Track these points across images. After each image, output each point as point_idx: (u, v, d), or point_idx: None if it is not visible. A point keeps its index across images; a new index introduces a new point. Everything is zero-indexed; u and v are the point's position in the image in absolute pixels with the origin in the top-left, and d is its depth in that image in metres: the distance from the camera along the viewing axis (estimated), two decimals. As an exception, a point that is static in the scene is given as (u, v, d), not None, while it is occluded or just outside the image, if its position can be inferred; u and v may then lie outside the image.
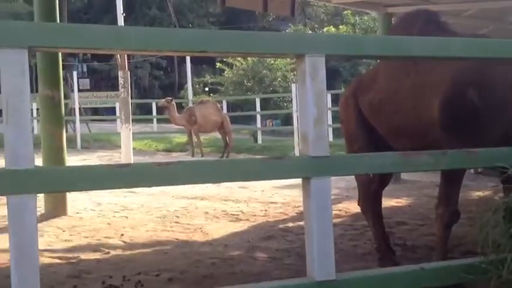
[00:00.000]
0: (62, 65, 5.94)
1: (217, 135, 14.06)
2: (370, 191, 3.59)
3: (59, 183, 1.95)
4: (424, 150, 2.59)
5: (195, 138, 13.14)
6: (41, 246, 4.07)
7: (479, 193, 6.65)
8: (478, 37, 3.50)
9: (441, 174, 3.05)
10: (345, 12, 23.69)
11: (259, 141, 15.21)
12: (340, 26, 23.78)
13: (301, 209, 5.78)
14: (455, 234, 3.69)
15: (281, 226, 4.99)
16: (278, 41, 2.25)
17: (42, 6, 5.63)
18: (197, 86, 24.25)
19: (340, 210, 5.61)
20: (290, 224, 5.06)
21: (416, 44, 2.47)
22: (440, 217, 3.02)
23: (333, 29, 23.07)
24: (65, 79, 19.42)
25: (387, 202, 5.58)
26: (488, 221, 2.27)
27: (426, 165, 2.51)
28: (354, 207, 5.42)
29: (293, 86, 14.06)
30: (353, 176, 3.90)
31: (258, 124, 15.78)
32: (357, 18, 23.57)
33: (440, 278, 2.39)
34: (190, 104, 15.76)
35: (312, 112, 2.18)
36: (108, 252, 4.00)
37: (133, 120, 11.34)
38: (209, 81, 23.88)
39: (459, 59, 2.75)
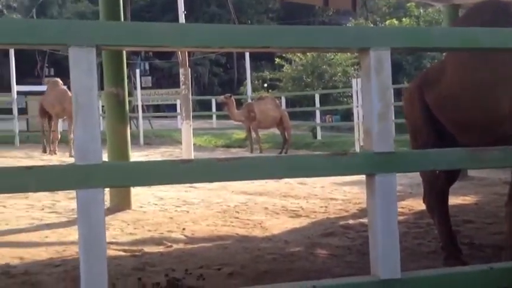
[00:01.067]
0: (126, 63, 6.11)
1: (275, 131, 14.07)
2: (436, 188, 3.47)
3: (126, 178, 1.99)
4: (492, 145, 2.47)
5: (253, 134, 13.21)
6: (106, 239, 4.23)
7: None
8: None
9: None
10: (408, 4, 23.08)
11: (318, 137, 15.09)
12: (403, 19, 23.17)
13: (362, 205, 5.75)
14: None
15: (341, 223, 4.92)
16: (342, 35, 2.21)
17: (107, 5, 5.81)
18: (256, 82, 24.36)
19: (403, 207, 5.47)
20: (351, 221, 4.99)
21: (486, 35, 2.36)
22: (510, 215, 2.89)
23: (395, 22, 22.53)
24: (128, 77, 20.05)
25: (453, 200, 5.39)
26: None
27: (496, 161, 2.40)
28: (417, 204, 5.28)
29: (354, 81, 13.84)
30: (416, 173, 3.79)
31: (317, 120, 15.66)
32: (421, 10, 22.90)
33: (510, 278, 2.27)
34: (249, 100, 15.85)
35: (377, 107, 2.13)
36: (170, 246, 4.08)
37: (193, 117, 11.54)
38: (268, 77, 23.93)
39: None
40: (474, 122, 3.09)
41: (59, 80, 12.34)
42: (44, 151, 12.07)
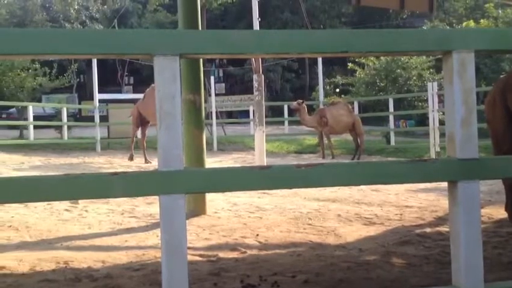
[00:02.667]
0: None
1: (348, 136, 13.90)
2: (521, 197, 3.31)
3: (205, 184, 2.04)
4: None
5: (325, 140, 13.12)
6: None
7: None
8: None
9: None
10: (486, 5, 22.13)
11: (392, 142, 14.75)
12: (481, 20, 22.22)
13: (439, 213, 5.56)
14: None
15: (418, 231, 4.78)
16: (423, 38, 2.16)
17: (186, 15, 5.99)
18: (328, 87, 24.19)
19: (482, 215, 5.19)
20: (427, 230, 4.83)
21: None
22: None
23: (472, 24, 21.64)
24: (204, 84, 20.52)
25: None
26: None
27: None
28: (497, 212, 5.04)
29: (429, 85, 13.43)
30: (496, 180, 3.63)
31: (391, 125, 15.33)
32: (500, 11, 21.88)
33: None
34: (321, 106, 15.76)
35: (460, 112, 2.07)
36: (244, 252, 4.11)
37: (265, 123, 11.64)
38: (340, 82, 23.68)
39: None
40: None
41: None
42: (131, 159, 12.07)
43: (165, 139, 1.93)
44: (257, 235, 4.70)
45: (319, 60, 19.16)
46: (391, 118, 15.33)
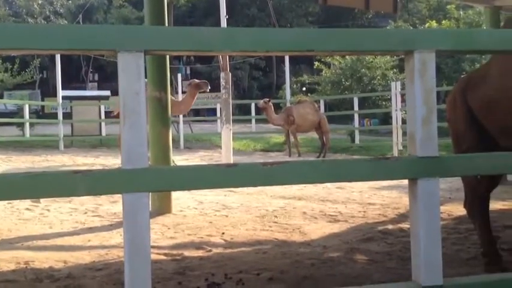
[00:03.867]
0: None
1: (314, 134, 14.02)
2: (478, 193, 3.41)
3: (170, 182, 2.02)
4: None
5: (292, 138, 13.20)
6: (149, 242, 4.32)
7: None
8: None
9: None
10: (449, 6, 22.66)
11: (357, 141, 14.96)
12: (443, 21, 22.76)
13: (401, 211, 5.67)
14: None
15: (380, 228, 4.87)
16: (386, 38, 2.20)
17: (153, 11, 5.93)
18: (295, 86, 24.34)
19: (442, 212, 5.36)
20: (390, 226, 4.93)
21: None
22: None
23: (435, 24, 22.14)
24: (170, 81, 20.32)
25: (493, 205, 5.25)
26: None
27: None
28: (456, 209, 5.19)
29: (393, 84, 13.67)
30: (455, 178, 3.72)
31: (356, 123, 15.54)
32: (461, 12, 22.44)
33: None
34: (288, 104, 15.85)
35: (421, 111, 2.11)
36: (210, 250, 4.11)
37: (232, 121, 11.62)
38: (307, 81, 23.88)
39: None
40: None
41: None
42: None
43: (128, 137, 1.90)
44: (223, 233, 4.70)
45: (286, 58, 19.24)
46: (356, 117, 15.54)
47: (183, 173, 2.08)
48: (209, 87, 10.71)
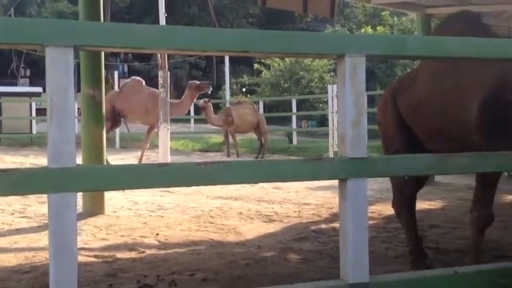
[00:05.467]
0: (104, 64, 6.07)
1: (253, 135, 14.10)
2: (405, 193, 3.55)
3: (100, 182, 1.97)
4: (461, 152, 2.54)
5: (231, 139, 13.22)
6: (78, 245, 4.17)
7: (512, 197, 6.51)
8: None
9: (476, 177, 3.01)
10: (383, 13, 23.44)
11: (294, 142, 15.18)
12: (378, 27, 23.53)
13: (335, 210, 5.80)
14: (489, 238, 3.62)
15: (314, 228, 4.97)
16: (320, 41, 2.24)
17: (87, 5, 5.76)
18: (235, 86, 24.38)
19: (373, 212, 5.56)
20: (323, 226, 5.04)
21: (457, 45, 2.44)
22: (474, 220, 2.99)
23: (370, 30, 22.86)
24: (107, 79, 19.82)
25: (420, 205, 5.50)
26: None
27: (463, 168, 2.48)
28: (386, 209, 5.37)
29: (329, 87, 13.98)
30: (386, 178, 3.86)
31: (294, 125, 15.75)
32: (395, 19, 23.28)
33: (473, 282, 2.35)
34: (228, 105, 15.86)
35: (351, 113, 2.17)
36: (143, 252, 4.05)
37: (170, 120, 11.47)
38: (246, 82, 23.97)
39: (499, 60, 2.69)
40: (444, 129, 3.17)
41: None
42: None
43: (55, 134, 1.84)
44: (157, 234, 4.64)
45: (227, 59, 19.27)
46: (294, 118, 15.76)
47: (113, 172, 2.04)
48: (211, 89, 10.48)
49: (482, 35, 2.99)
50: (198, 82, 10.39)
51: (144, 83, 10.58)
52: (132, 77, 11.23)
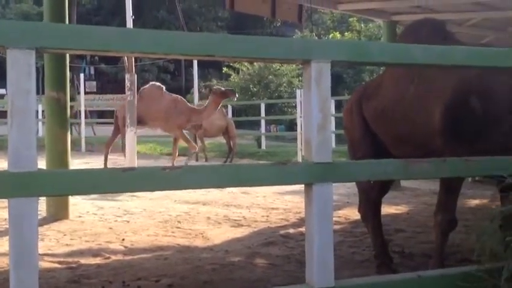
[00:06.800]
0: (69, 66, 5.96)
1: (221, 139, 14.07)
2: (371, 198, 3.59)
3: (61, 186, 1.94)
4: (425, 158, 2.59)
5: (199, 143, 13.16)
6: (41, 251, 4.08)
7: (476, 201, 6.67)
8: (481, 46, 3.51)
9: (440, 182, 3.07)
10: (351, 19, 23.75)
11: (263, 146, 15.21)
12: (346, 33, 23.84)
13: (302, 215, 5.80)
14: (452, 242, 3.69)
15: (282, 232, 4.98)
16: (286, 47, 2.25)
17: (52, 7, 5.65)
18: (203, 90, 24.29)
19: (340, 216, 5.61)
20: (291, 230, 5.05)
21: (421, 52, 2.48)
22: (438, 224, 3.04)
23: (338, 36, 23.13)
24: (72, 81, 19.50)
25: (386, 209, 5.59)
26: (486, 229, 2.27)
27: (426, 173, 2.52)
28: (353, 214, 5.42)
29: (298, 92, 14.07)
30: (354, 183, 3.90)
31: (263, 129, 15.79)
32: (362, 25, 23.63)
33: (436, 286, 2.39)
34: (196, 109, 15.76)
35: (316, 118, 2.18)
36: (108, 257, 3.99)
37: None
38: (215, 85, 23.91)
39: (462, 67, 2.76)
40: (408, 135, 3.22)
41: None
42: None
43: (16, 138, 1.80)
44: (123, 240, 4.58)
45: (195, 62, 19.14)
46: (263, 123, 15.81)
47: (75, 176, 2.00)
48: (237, 96, 10.31)
49: (446, 43, 3.05)
50: (223, 89, 10.25)
51: (164, 89, 10.25)
52: (152, 83, 10.88)
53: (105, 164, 9.89)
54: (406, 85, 3.25)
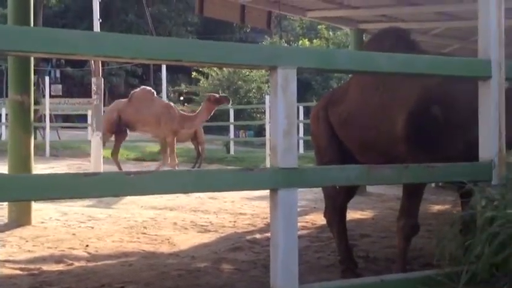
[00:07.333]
0: (34, 70, 5.84)
1: (190, 145, 13.99)
2: (336, 204, 3.63)
3: (23, 191, 1.90)
4: (389, 164, 2.63)
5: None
6: (2, 257, 4.00)
7: (439, 207, 6.81)
8: (443, 55, 3.60)
9: (403, 187, 3.12)
10: (320, 26, 24.02)
11: (232, 152, 15.20)
12: (314, 40, 24.10)
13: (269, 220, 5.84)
14: (415, 247, 3.76)
15: (249, 237, 4.98)
16: (253, 53, 2.27)
17: (16, 9, 5.53)
18: (172, 95, 24.17)
19: (307, 222, 5.65)
20: (258, 236, 5.06)
21: (385, 60, 2.53)
22: (400, 229, 3.09)
23: (307, 43, 23.36)
24: (37, 84, 19.12)
25: (352, 214, 5.66)
26: (446, 234, 2.32)
27: (389, 179, 2.57)
28: (320, 219, 5.46)
29: (267, 98, 14.13)
30: (321, 188, 3.93)
31: (231, 135, 15.78)
32: (331, 33, 23.93)
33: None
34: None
35: (282, 124, 2.20)
36: (71, 264, 3.92)
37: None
38: (184, 90, 23.84)
39: (425, 76, 2.82)
40: (372, 141, 3.27)
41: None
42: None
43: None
44: (87, 246, 4.50)
45: (164, 67, 19.05)
46: (232, 128, 15.79)
47: (37, 181, 1.96)
48: (230, 103, 10.17)
49: (410, 51, 3.11)
50: (217, 95, 10.07)
51: (155, 93, 10.05)
52: (142, 87, 10.64)
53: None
54: (371, 93, 3.30)
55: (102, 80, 9.88)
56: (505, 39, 2.66)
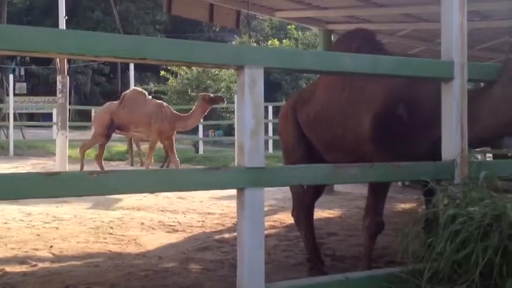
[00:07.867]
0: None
1: (159, 144, 13.87)
2: (304, 202, 3.65)
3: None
4: (355, 163, 2.66)
5: (135, 147, 12.90)
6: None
7: (405, 205, 6.92)
8: (408, 56, 3.66)
9: (368, 186, 3.16)
10: (289, 26, 24.13)
11: (201, 151, 15.13)
12: (284, 40, 24.19)
13: (238, 220, 5.84)
14: (381, 245, 3.82)
15: (217, 237, 4.97)
16: (219, 52, 2.25)
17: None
18: (140, 94, 23.89)
19: (275, 221, 5.67)
20: (226, 235, 5.05)
21: (350, 60, 2.56)
22: (366, 227, 3.13)
23: (276, 43, 23.43)
24: (0, 82, 18.64)
25: (320, 213, 5.71)
26: (409, 232, 2.36)
27: (355, 178, 2.60)
28: (289, 218, 5.48)
29: (236, 97, 14.13)
30: (289, 187, 3.95)
31: (200, 134, 15.71)
32: (300, 33, 24.07)
33: (363, 287, 2.46)
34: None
35: (249, 123, 2.20)
36: (35, 265, 3.84)
37: (71, 127, 10.99)
38: (153, 89, 23.59)
39: (389, 77, 2.86)
40: (339, 140, 3.30)
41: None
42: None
43: None
44: (51, 247, 4.41)
45: (131, 65, 18.81)
46: (201, 128, 15.72)
47: (-4, 181, 1.90)
48: (225, 103, 9.99)
49: (377, 52, 3.15)
50: (212, 95, 9.93)
51: (147, 94, 9.85)
52: (133, 88, 10.36)
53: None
54: (337, 92, 3.33)
55: (68, 78, 9.70)
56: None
